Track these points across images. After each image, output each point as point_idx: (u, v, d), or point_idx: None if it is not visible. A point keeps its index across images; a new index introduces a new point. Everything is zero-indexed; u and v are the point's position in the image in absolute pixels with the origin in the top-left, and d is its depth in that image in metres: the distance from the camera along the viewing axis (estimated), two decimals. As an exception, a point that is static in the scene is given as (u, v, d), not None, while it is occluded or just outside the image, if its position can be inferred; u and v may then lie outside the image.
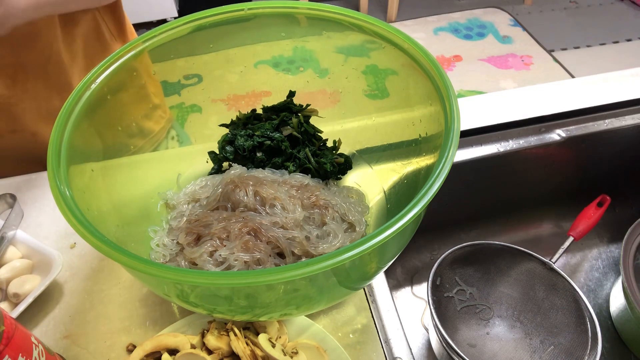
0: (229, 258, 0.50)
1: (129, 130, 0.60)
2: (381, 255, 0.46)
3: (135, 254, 0.37)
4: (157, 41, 0.56)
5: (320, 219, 0.55)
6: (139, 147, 0.63)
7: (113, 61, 0.53)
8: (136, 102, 0.62)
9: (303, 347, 0.50)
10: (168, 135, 0.80)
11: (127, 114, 0.60)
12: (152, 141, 0.72)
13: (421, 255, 0.86)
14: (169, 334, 0.50)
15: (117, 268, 0.61)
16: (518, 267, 0.71)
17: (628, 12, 2.77)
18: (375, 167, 0.66)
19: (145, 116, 0.70)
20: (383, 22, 0.54)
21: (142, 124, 0.66)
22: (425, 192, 0.39)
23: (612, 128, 0.78)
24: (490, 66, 2.40)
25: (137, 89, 0.60)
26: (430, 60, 0.49)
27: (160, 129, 0.79)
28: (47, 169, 0.43)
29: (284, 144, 0.64)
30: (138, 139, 0.63)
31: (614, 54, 2.46)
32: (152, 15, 2.60)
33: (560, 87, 0.82)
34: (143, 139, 0.65)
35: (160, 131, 0.79)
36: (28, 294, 0.55)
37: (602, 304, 0.78)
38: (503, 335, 0.69)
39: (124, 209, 0.56)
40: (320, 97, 0.68)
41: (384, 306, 0.57)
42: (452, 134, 0.42)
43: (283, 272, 0.35)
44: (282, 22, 0.61)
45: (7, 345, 0.39)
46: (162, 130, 0.80)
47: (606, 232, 0.87)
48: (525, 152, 0.77)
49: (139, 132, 0.64)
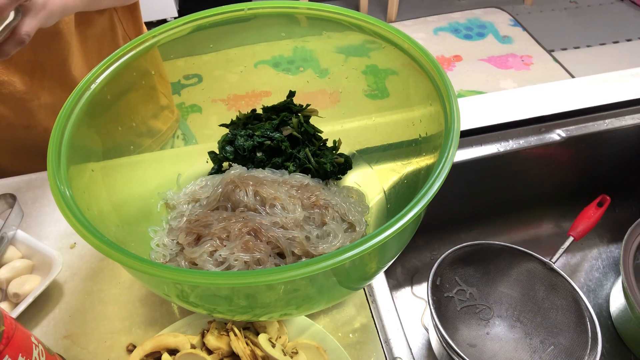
0: (229, 258, 0.50)
1: (136, 130, 0.61)
2: (381, 255, 0.46)
3: (135, 254, 0.37)
4: (157, 41, 0.56)
5: (320, 219, 0.55)
6: (146, 147, 0.63)
7: (113, 61, 0.53)
8: (142, 101, 0.62)
9: (303, 347, 0.50)
10: (174, 135, 0.81)
11: (130, 113, 0.60)
12: (159, 141, 0.72)
13: (421, 255, 0.86)
14: (169, 334, 0.50)
15: (117, 268, 0.61)
16: (518, 267, 0.71)
17: (628, 12, 2.77)
18: (375, 167, 0.66)
19: (153, 116, 0.71)
20: (383, 22, 0.54)
21: (150, 123, 0.66)
22: (425, 192, 0.39)
23: (612, 128, 0.78)
24: (490, 66, 2.40)
25: (141, 89, 0.60)
26: (430, 60, 0.49)
27: (167, 129, 0.79)
28: (47, 169, 0.43)
29: (284, 144, 0.64)
30: (145, 138, 0.63)
31: (614, 54, 2.46)
32: (152, 15, 2.60)
33: (560, 87, 0.82)
34: (150, 138, 0.65)
35: (167, 131, 0.79)
36: (28, 294, 0.55)
37: (602, 304, 0.78)
38: (503, 335, 0.69)
39: (124, 209, 0.56)
40: (320, 97, 0.68)
41: (384, 306, 0.57)
42: (452, 134, 0.42)
43: (283, 272, 0.35)
44: (282, 22, 0.61)
45: (7, 345, 0.39)
46: (170, 130, 0.80)
47: (606, 232, 0.87)
48: (525, 152, 0.77)
49: (147, 131, 0.64)
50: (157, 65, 0.64)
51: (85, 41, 0.75)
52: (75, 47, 0.73)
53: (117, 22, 0.79)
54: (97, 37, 0.76)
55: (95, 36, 0.76)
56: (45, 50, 0.68)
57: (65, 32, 0.68)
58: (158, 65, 0.64)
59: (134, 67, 0.56)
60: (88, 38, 0.75)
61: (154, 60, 0.61)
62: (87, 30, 0.74)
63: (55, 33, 0.67)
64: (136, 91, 0.60)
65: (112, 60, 0.53)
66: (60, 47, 0.69)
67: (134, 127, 0.60)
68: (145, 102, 0.65)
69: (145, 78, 0.60)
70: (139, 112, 0.62)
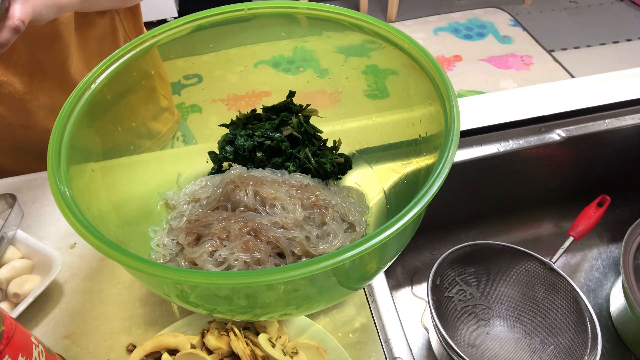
0: (229, 258, 0.50)
1: (136, 131, 0.61)
2: (381, 255, 0.46)
3: (135, 254, 0.37)
4: (156, 41, 0.56)
5: (320, 219, 0.55)
6: (146, 148, 0.63)
7: (113, 61, 0.53)
8: (142, 102, 0.62)
9: (303, 347, 0.50)
10: (174, 136, 0.81)
11: (130, 114, 0.60)
12: (159, 142, 0.72)
13: (421, 255, 0.86)
14: (169, 334, 0.50)
15: (117, 268, 0.61)
16: (518, 267, 0.71)
17: (628, 12, 2.77)
18: (375, 167, 0.66)
19: (153, 117, 0.70)
20: (383, 22, 0.54)
21: (150, 124, 0.66)
22: (425, 192, 0.39)
23: (612, 128, 0.78)
24: (490, 66, 2.40)
25: (141, 89, 0.60)
26: (430, 60, 0.49)
27: (167, 130, 0.79)
28: (47, 169, 0.43)
29: (284, 144, 0.64)
30: (145, 139, 0.63)
31: (614, 54, 2.46)
32: (152, 15, 2.60)
33: (560, 87, 0.82)
34: (150, 139, 0.65)
35: (167, 132, 0.79)
36: (28, 294, 0.55)
37: (602, 304, 0.78)
38: (503, 335, 0.69)
39: (124, 209, 0.56)
40: (320, 97, 0.68)
41: (384, 306, 0.57)
42: (452, 134, 0.42)
43: (283, 272, 0.35)
44: (282, 22, 0.61)
45: (7, 345, 0.39)
46: (170, 131, 0.80)
47: (606, 232, 0.87)
48: (525, 152, 0.77)
49: (147, 132, 0.64)
50: (157, 66, 0.64)
51: (86, 42, 0.75)
52: (75, 49, 0.73)
53: (119, 23, 0.79)
54: (97, 39, 0.76)
55: (96, 38, 0.76)
56: (44, 52, 0.68)
57: (64, 33, 0.68)
58: (158, 66, 0.64)
59: (134, 67, 0.56)
60: (89, 40, 0.75)
61: (154, 61, 0.61)
62: (87, 32, 0.74)
63: (54, 34, 0.67)
64: (136, 92, 0.60)
65: (112, 60, 0.53)
66: (60, 49, 0.69)
67: (133, 128, 0.60)
68: (145, 103, 0.65)
69: (145, 79, 0.60)
70: (139, 113, 0.62)
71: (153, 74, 0.63)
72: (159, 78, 0.69)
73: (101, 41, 0.77)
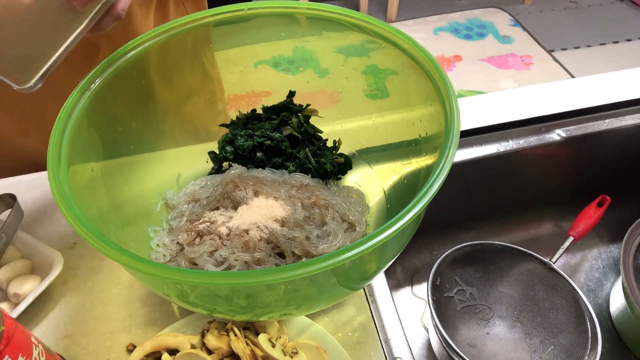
0: (229, 258, 0.50)
1: (136, 131, 0.60)
2: (381, 255, 0.46)
3: (135, 254, 0.37)
4: (157, 41, 0.56)
5: (320, 218, 0.55)
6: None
7: (113, 61, 0.53)
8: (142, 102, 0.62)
9: (303, 347, 0.50)
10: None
11: (126, 114, 0.59)
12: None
13: (421, 255, 0.86)
14: (169, 334, 0.50)
15: (117, 268, 0.61)
16: (518, 267, 0.71)
17: (628, 12, 2.77)
18: (375, 167, 0.66)
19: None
20: (383, 22, 0.54)
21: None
22: (425, 192, 0.39)
23: (612, 128, 0.78)
24: (490, 66, 2.40)
25: (138, 89, 0.60)
26: (430, 60, 0.49)
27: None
28: (47, 169, 0.43)
29: (284, 144, 0.63)
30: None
31: (614, 54, 2.46)
32: (152, 15, 2.60)
33: (560, 87, 0.82)
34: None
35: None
36: (28, 294, 0.55)
37: (602, 304, 0.78)
38: (503, 335, 0.69)
39: (124, 209, 0.56)
40: (320, 97, 0.68)
41: (384, 306, 0.57)
42: (452, 134, 0.42)
43: (283, 272, 0.35)
44: (282, 22, 0.61)
45: (7, 345, 0.39)
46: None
47: (606, 232, 0.87)
48: (525, 152, 0.77)
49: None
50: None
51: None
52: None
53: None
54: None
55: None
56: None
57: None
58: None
59: (134, 67, 0.56)
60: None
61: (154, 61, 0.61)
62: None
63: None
64: (136, 92, 0.60)
65: (112, 60, 0.53)
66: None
67: (134, 128, 0.60)
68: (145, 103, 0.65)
69: (145, 78, 0.60)
70: (139, 113, 0.62)
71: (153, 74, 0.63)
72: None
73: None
